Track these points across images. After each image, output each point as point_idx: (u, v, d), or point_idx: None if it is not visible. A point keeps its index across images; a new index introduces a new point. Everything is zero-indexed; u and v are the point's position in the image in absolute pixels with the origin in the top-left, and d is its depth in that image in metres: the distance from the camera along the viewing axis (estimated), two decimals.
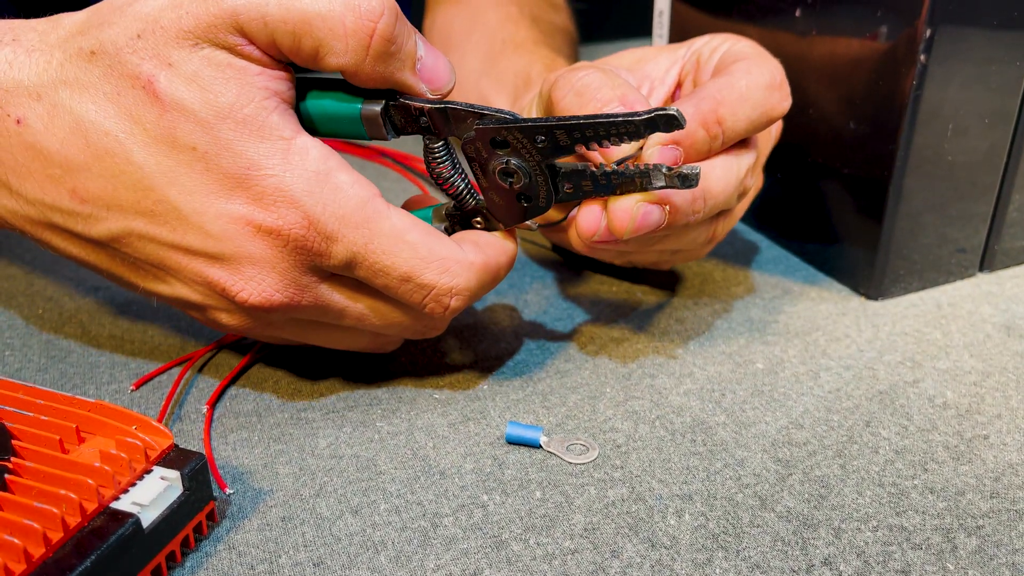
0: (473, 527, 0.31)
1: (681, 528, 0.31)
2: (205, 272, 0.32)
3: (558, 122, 0.32)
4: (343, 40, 0.31)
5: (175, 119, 0.30)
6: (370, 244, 0.32)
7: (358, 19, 0.30)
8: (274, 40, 0.31)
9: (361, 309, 0.34)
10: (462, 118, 0.34)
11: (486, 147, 0.34)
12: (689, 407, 0.38)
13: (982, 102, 0.43)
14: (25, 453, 0.29)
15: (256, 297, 0.32)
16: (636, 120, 0.31)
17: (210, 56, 0.31)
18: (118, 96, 0.30)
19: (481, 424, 0.37)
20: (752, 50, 0.39)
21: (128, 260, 0.33)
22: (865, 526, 0.31)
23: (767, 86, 0.37)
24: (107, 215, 0.31)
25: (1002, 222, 0.47)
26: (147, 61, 0.30)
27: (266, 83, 0.31)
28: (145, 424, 0.30)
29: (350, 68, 0.31)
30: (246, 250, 0.31)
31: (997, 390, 0.39)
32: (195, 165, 0.30)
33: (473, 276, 0.34)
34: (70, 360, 0.41)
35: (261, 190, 0.30)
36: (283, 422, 0.37)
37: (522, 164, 0.34)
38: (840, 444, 0.35)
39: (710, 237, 0.40)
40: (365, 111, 0.33)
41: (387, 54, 0.31)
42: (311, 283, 0.33)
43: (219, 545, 0.31)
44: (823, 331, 0.43)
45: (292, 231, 0.31)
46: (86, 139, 0.30)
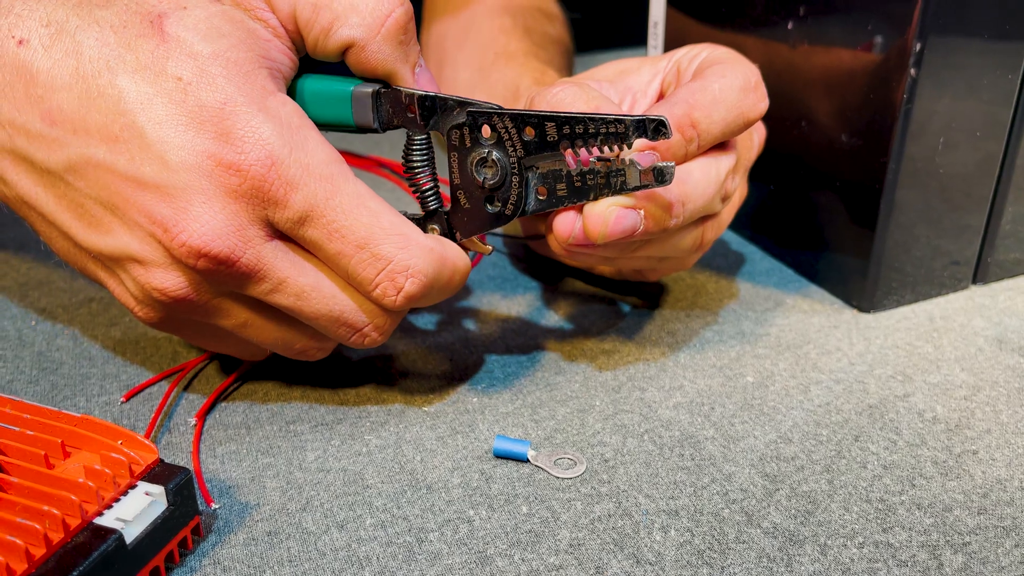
0: (458, 542, 0.31)
1: (667, 544, 0.31)
2: (151, 209, 0.30)
3: (550, 113, 0.33)
4: (360, 14, 0.32)
5: (170, 50, 0.30)
6: (331, 200, 0.31)
7: (378, 1, 0.33)
8: (294, 11, 0.32)
9: (303, 284, 0.32)
10: (450, 109, 0.34)
11: (471, 135, 0.34)
12: (678, 421, 0.38)
13: (974, 114, 0.43)
14: (10, 468, 0.29)
15: (196, 239, 0.30)
16: (626, 120, 0.32)
17: (227, 11, 0.32)
18: (123, 28, 0.31)
19: (469, 438, 0.37)
20: (728, 55, 0.39)
21: (76, 200, 0.32)
22: (851, 543, 0.31)
23: (741, 88, 0.37)
24: (72, 139, 0.31)
25: (995, 234, 0.46)
26: (164, 3, 0.31)
27: (269, 50, 0.32)
28: (130, 439, 0.30)
29: (359, 40, 0.33)
30: (200, 184, 0.30)
31: (987, 405, 0.39)
32: (174, 95, 0.30)
33: (432, 263, 0.33)
34: (61, 372, 0.41)
35: (230, 126, 0.30)
36: (272, 435, 0.37)
37: (502, 158, 0.34)
38: (828, 459, 0.35)
39: (698, 244, 0.40)
40: (357, 92, 0.34)
41: (397, 39, 0.33)
42: (256, 238, 0.31)
43: (204, 560, 0.31)
44: (814, 344, 0.43)
45: (252, 168, 0.30)
46: (78, 61, 0.31)
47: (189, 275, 0.32)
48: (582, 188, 0.34)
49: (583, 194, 0.34)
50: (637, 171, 0.33)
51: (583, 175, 0.34)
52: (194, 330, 0.35)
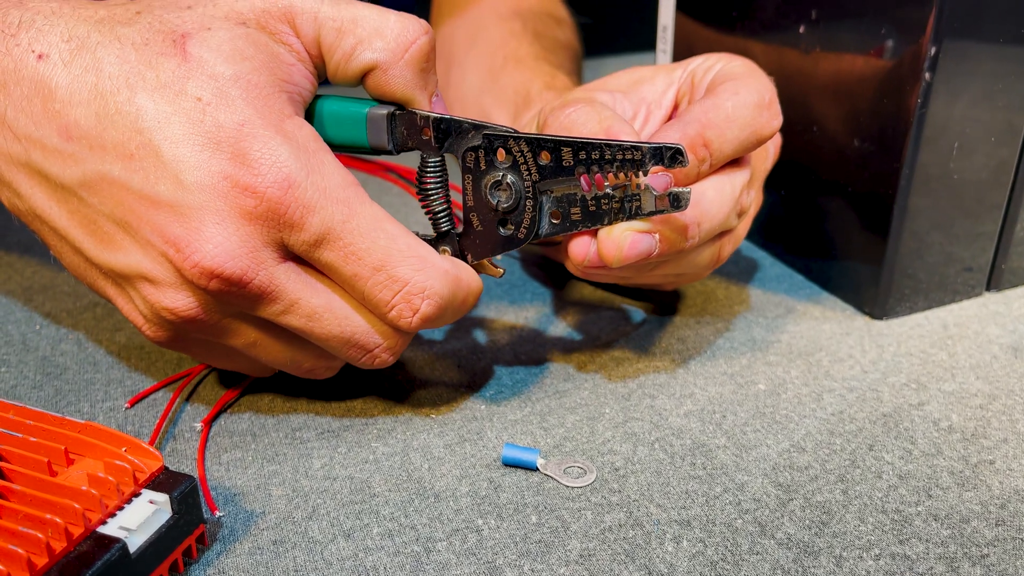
0: (467, 552, 0.31)
1: (679, 555, 0.31)
2: (164, 228, 0.30)
3: (566, 138, 0.33)
4: (384, 39, 0.33)
5: (191, 70, 0.30)
6: (348, 223, 0.31)
7: (404, 28, 0.33)
8: (319, 35, 0.33)
9: (315, 305, 0.32)
10: (464, 132, 0.34)
11: (487, 157, 0.34)
12: (689, 429, 0.37)
13: (988, 120, 0.42)
14: (13, 475, 0.29)
15: (209, 260, 0.30)
16: (643, 147, 0.32)
17: (251, 34, 0.32)
18: (145, 45, 0.31)
19: (478, 446, 0.36)
20: (743, 69, 0.39)
21: (89, 216, 0.32)
22: (867, 554, 0.31)
23: (755, 105, 0.37)
24: (87, 155, 0.31)
25: (1009, 241, 0.46)
26: (189, 23, 0.31)
27: (292, 73, 0.33)
28: (135, 446, 0.30)
29: (382, 64, 0.33)
30: (214, 205, 0.30)
31: (1004, 413, 0.38)
32: (192, 114, 0.30)
33: (448, 284, 0.33)
34: (66, 377, 0.40)
35: (247, 147, 0.30)
36: (277, 442, 0.36)
37: (516, 181, 0.34)
38: (843, 468, 0.35)
39: (715, 259, 0.40)
40: (372, 113, 0.34)
41: (419, 66, 0.34)
42: (269, 260, 0.31)
43: (209, 569, 0.30)
44: (827, 351, 0.42)
45: (269, 191, 0.30)
46: (97, 77, 0.31)
47: (200, 295, 0.31)
48: (596, 213, 0.34)
49: (597, 219, 0.34)
50: (652, 196, 0.33)
51: (598, 200, 0.33)
52: (202, 349, 0.35)
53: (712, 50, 0.51)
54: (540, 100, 0.48)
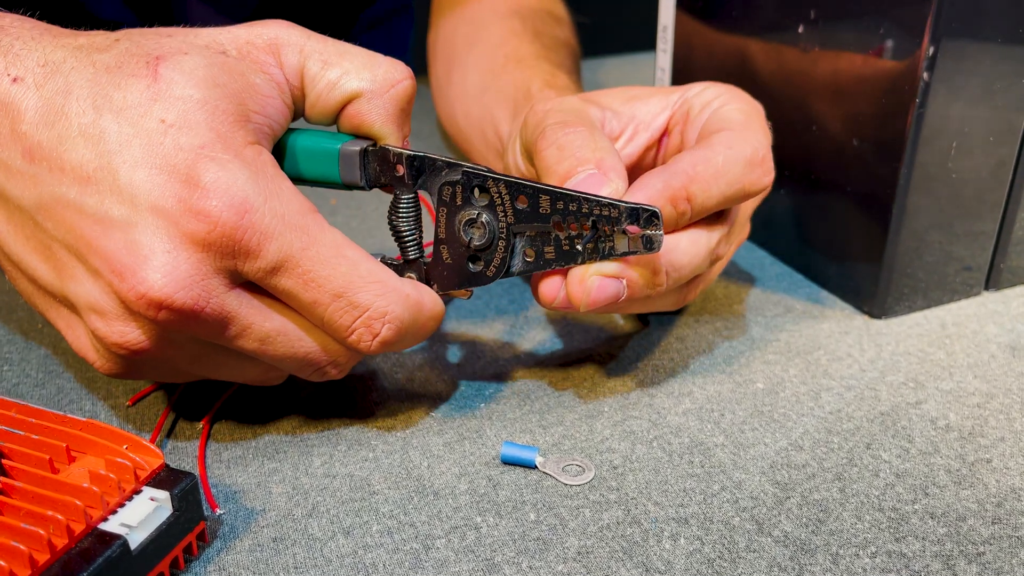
0: (465, 549, 0.31)
1: (676, 552, 0.31)
2: (112, 256, 0.29)
3: (546, 187, 0.33)
4: (372, 72, 0.34)
5: (159, 91, 0.30)
6: (307, 250, 0.31)
7: (392, 67, 0.34)
8: (303, 65, 0.34)
9: (268, 329, 0.32)
10: (438, 169, 0.34)
11: (463, 194, 0.34)
12: (688, 427, 0.37)
13: (987, 119, 0.42)
14: (15, 473, 0.29)
15: (156, 290, 0.29)
16: (620, 206, 0.32)
17: (227, 63, 0.32)
18: (118, 68, 0.31)
19: (477, 444, 0.36)
20: (741, 117, 0.38)
21: (43, 241, 0.31)
22: (864, 552, 0.31)
23: (747, 162, 0.36)
24: (47, 177, 0.30)
25: (1008, 240, 0.46)
26: (166, 48, 0.31)
27: (264, 105, 0.32)
28: (136, 444, 0.30)
29: (367, 92, 0.34)
30: (165, 231, 0.29)
31: (1001, 412, 0.38)
32: (153, 136, 0.30)
33: (408, 309, 0.33)
34: (67, 375, 0.41)
35: (203, 171, 0.29)
36: (278, 440, 0.37)
37: (491, 221, 0.34)
38: (840, 467, 0.35)
39: (683, 300, 0.40)
40: (345, 149, 0.34)
41: (400, 104, 0.34)
42: (220, 288, 0.30)
43: (209, 566, 0.30)
44: (825, 350, 0.43)
45: (223, 216, 0.29)
46: (66, 99, 0.30)
47: (148, 327, 0.31)
48: (570, 252, 0.34)
49: (571, 258, 0.34)
50: (626, 238, 0.33)
51: (571, 239, 0.34)
52: (153, 372, 0.34)
53: (711, 50, 0.52)
54: (540, 98, 0.48)
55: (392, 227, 0.35)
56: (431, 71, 0.66)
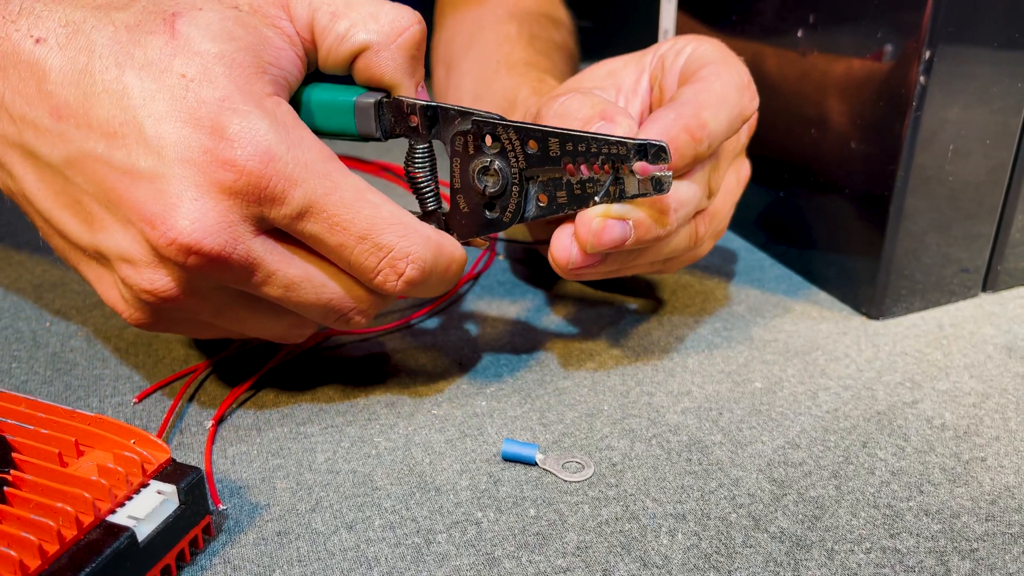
0: (466, 544, 0.32)
1: (673, 548, 0.31)
2: (142, 205, 0.30)
3: (554, 129, 0.34)
4: (378, 22, 0.34)
5: (178, 47, 0.31)
6: (331, 195, 0.32)
7: (398, 15, 0.34)
8: (312, 18, 0.34)
9: (294, 275, 0.33)
10: (451, 119, 0.35)
11: (475, 143, 0.35)
12: (686, 426, 0.38)
13: (984, 122, 0.43)
14: (25, 466, 0.30)
15: (186, 236, 0.30)
16: (628, 143, 0.33)
17: (241, 16, 0.32)
18: (137, 26, 0.31)
19: (478, 441, 0.37)
20: (717, 53, 0.40)
21: (73, 195, 0.32)
22: (858, 548, 0.31)
23: (738, 87, 0.38)
24: (75, 134, 0.31)
25: (1005, 242, 0.46)
26: (180, 4, 0.32)
27: (279, 57, 0.33)
28: (143, 438, 0.31)
29: (374, 45, 0.34)
30: (193, 180, 0.30)
31: (996, 412, 0.38)
32: (176, 91, 0.30)
33: (431, 249, 0.33)
34: (75, 373, 0.41)
35: (227, 122, 0.30)
36: (282, 436, 0.37)
37: (504, 167, 0.35)
38: (836, 465, 0.35)
39: (694, 239, 0.40)
40: (360, 101, 0.35)
41: (409, 52, 0.34)
42: (247, 234, 0.31)
43: (214, 559, 0.31)
44: (823, 350, 0.43)
45: (249, 164, 0.30)
46: (89, 57, 0.31)
47: (177, 273, 0.31)
48: (582, 195, 0.34)
49: (583, 201, 0.34)
50: (636, 180, 0.34)
51: (583, 183, 0.34)
52: (179, 324, 0.35)
53: None
54: (525, 106, 0.49)
55: (409, 177, 0.36)
56: (433, 74, 0.67)
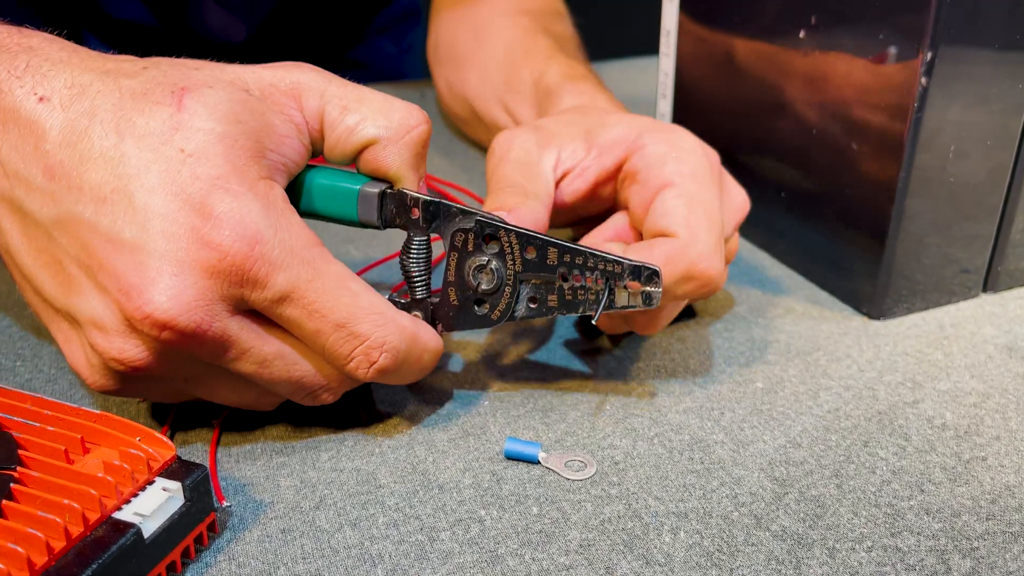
0: (470, 542, 0.32)
1: (676, 546, 0.32)
2: (121, 274, 0.30)
3: (554, 241, 0.35)
4: (388, 119, 0.35)
5: (182, 121, 0.31)
6: (313, 282, 0.32)
7: (408, 112, 0.35)
8: (323, 110, 0.35)
9: (267, 352, 0.33)
10: (452, 215, 0.35)
11: (476, 241, 0.35)
12: (688, 425, 0.38)
13: (985, 124, 0.43)
14: (31, 463, 0.30)
15: (161, 312, 0.30)
16: (624, 263, 0.34)
17: (249, 101, 0.33)
18: (144, 95, 0.32)
19: (481, 439, 0.37)
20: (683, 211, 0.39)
21: (55, 255, 0.32)
22: (860, 546, 0.31)
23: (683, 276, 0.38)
24: (65, 195, 0.31)
25: (1005, 243, 0.47)
26: (192, 80, 0.32)
27: (280, 144, 0.33)
28: (148, 435, 0.31)
29: (383, 139, 0.35)
30: (175, 256, 0.30)
31: (997, 412, 0.39)
32: (172, 164, 0.30)
33: (405, 340, 0.34)
34: None
35: (216, 202, 0.30)
36: (286, 434, 0.37)
37: (500, 268, 0.35)
38: (837, 464, 0.36)
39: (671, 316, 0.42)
40: (364, 190, 0.36)
41: (416, 149, 0.35)
42: (223, 313, 0.31)
43: (219, 556, 0.31)
44: (824, 351, 0.43)
45: (233, 247, 0.30)
46: (90, 121, 0.31)
47: (149, 344, 0.31)
48: (572, 302, 0.35)
49: (573, 307, 0.35)
50: (627, 293, 0.35)
51: (575, 290, 0.35)
52: (143, 391, 0.35)
53: (714, 54, 0.52)
54: (560, 90, 0.50)
55: (403, 267, 0.37)
56: (436, 74, 0.67)
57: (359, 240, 0.54)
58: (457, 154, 0.66)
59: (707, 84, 0.54)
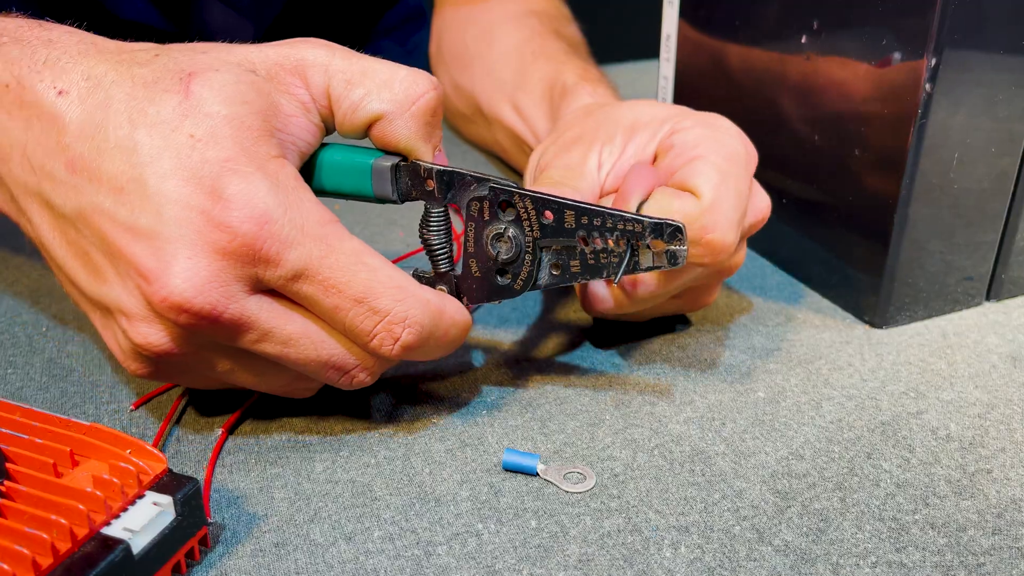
0: (467, 556, 0.31)
1: (677, 561, 0.31)
2: (139, 261, 0.31)
3: (571, 202, 0.33)
4: (392, 91, 0.34)
5: (190, 107, 0.31)
6: (327, 258, 0.31)
7: (413, 81, 0.34)
8: (328, 85, 0.34)
9: (290, 331, 0.32)
10: (467, 184, 0.35)
11: (491, 209, 0.34)
12: (688, 436, 0.37)
13: (989, 130, 0.42)
14: (19, 476, 0.29)
15: (177, 294, 0.30)
16: (644, 221, 0.33)
17: (256, 81, 0.33)
18: (155, 83, 0.32)
19: (478, 450, 0.36)
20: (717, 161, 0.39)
21: (82, 246, 0.33)
22: (864, 562, 0.31)
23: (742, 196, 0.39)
24: (87, 187, 0.31)
25: (1009, 250, 0.46)
26: (199, 64, 0.32)
27: (288, 124, 0.33)
28: (139, 448, 0.30)
29: (388, 114, 0.34)
30: (188, 239, 0.30)
31: (1002, 423, 0.38)
32: (182, 150, 0.31)
33: (428, 314, 0.33)
34: (71, 379, 0.41)
35: (225, 184, 0.30)
36: (280, 445, 0.37)
37: (518, 235, 0.34)
38: (840, 476, 0.35)
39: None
40: (377, 164, 0.35)
41: (424, 119, 0.34)
42: (240, 294, 0.31)
43: (211, 571, 0.31)
44: (826, 359, 0.43)
45: (243, 227, 0.30)
46: (106, 113, 0.31)
47: (172, 329, 0.32)
48: (595, 266, 0.34)
49: (596, 272, 0.34)
50: (650, 253, 0.33)
51: (596, 253, 0.34)
52: (183, 377, 0.35)
53: (715, 59, 0.52)
54: (578, 90, 0.50)
55: (423, 240, 0.36)
56: (439, 74, 0.67)
57: (404, 222, 0.53)
58: (457, 155, 0.66)
59: (707, 88, 0.54)
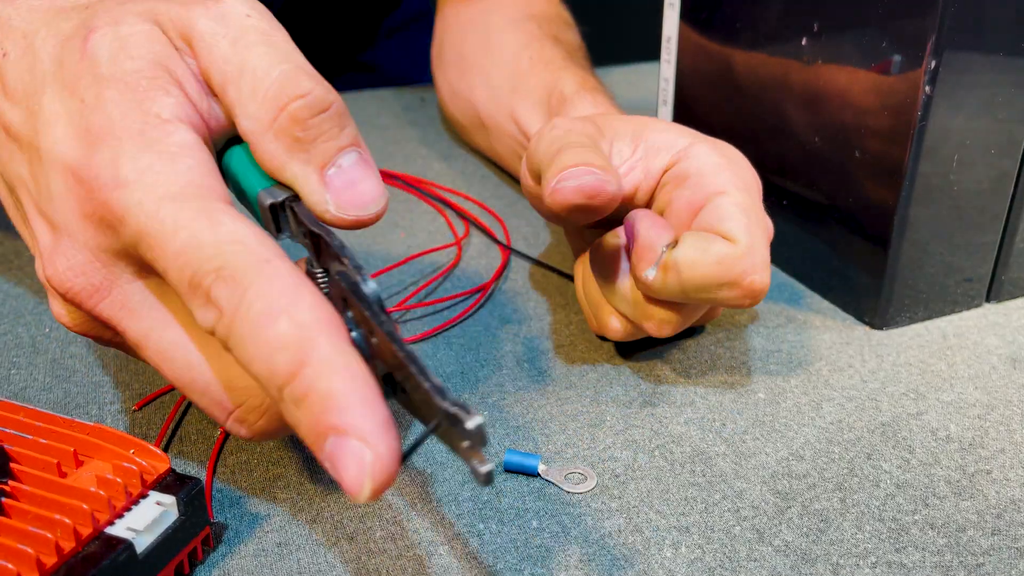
0: (468, 556, 0.31)
1: (677, 561, 0.31)
2: (40, 237, 0.29)
3: (394, 337, 0.26)
4: (257, 102, 0.28)
5: (84, 69, 0.28)
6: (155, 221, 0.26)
7: (281, 88, 0.27)
8: (209, 76, 0.29)
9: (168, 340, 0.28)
10: (332, 256, 0.28)
11: (338, 301, 0.28)
12: (689, 437, 0.37)
13: (989, 132, 0.43)
14: (23, 476, 0.30)
15: (57, 278, 0.28)
16: (442, 408, 0.24)
17: (152, 32, 0.29)
18: (68, 41, 0.29)
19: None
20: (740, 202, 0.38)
21: (22, 212, 0.31)
22: (864, 562, 0.31)
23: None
24: (16, 155, 0.30)
25: (1009, 252, 0.46)
26: (105, 18, 0.29)
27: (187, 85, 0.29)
28: (142, 448, 0.30)
29: (250, 136, 0.28)
30: (71, 214, 0.28)
31: (1001, 424, 0.38)
32: (73, 116, 0.28)
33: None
34: (74, 380, 0.41)
35: (97, 151, 0.27)
36: (282, 445, 0.37)
37: (360, 340, 0.27)
38: (840, 477, 0.35)
39: None
40: (261, 196, 0.29)
41: (292, 137, 0.28)
42: (122, 276, 0.28)
43: (214, 571, 0.31)
44: (826, 361, 0.43)
45: (97, 182, 0.27)
46: (31, 75, 0.30)
47: (70, 310, 0.30)
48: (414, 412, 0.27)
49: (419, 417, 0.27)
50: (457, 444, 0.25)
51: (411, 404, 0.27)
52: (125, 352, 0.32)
53: (715, 61, 0.52)
54: (577, 99, 0.50)
55: None
56: (439, 79, 0.67)
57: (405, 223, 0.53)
58: (456, 160, 0.66)
59: (708, 90, 0.54)
